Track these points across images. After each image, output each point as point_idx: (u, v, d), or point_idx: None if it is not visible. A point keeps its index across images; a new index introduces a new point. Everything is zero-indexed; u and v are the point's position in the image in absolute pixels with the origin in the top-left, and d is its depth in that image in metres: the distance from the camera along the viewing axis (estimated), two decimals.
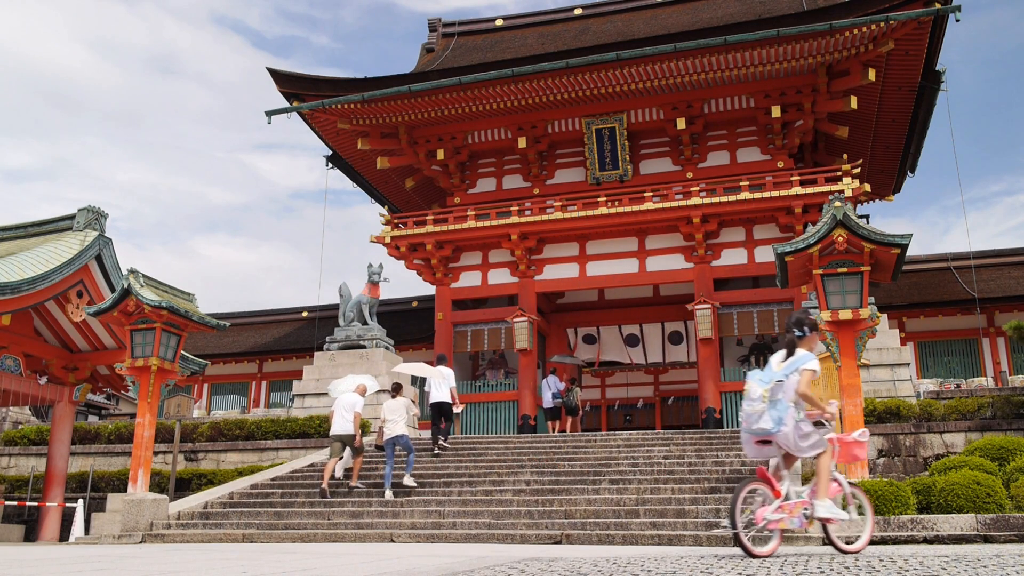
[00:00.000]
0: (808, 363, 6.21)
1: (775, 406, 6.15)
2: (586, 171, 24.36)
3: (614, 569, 4.83)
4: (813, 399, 6.20)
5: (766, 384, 6.23)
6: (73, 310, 17.21)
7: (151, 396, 14.16)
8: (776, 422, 6.10)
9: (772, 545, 6.05)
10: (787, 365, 6.28)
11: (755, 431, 6.23)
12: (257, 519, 12.61)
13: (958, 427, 14.93)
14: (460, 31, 28.23)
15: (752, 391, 6.30)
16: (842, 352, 12.01)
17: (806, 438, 6.16)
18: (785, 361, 6.33)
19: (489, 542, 10.37)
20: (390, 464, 13.40)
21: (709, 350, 21.92)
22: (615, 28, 25.53)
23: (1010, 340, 23.12)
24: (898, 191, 27.62)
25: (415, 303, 29.76)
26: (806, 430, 6.17)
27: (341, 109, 23.16)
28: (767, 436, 6.20)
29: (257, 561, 6.72)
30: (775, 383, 6.21)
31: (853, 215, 11.75)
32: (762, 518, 5.99)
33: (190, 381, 28.46)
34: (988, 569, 4.56)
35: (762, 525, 6.00)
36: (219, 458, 18.94)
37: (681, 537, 9.87)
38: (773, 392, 6.19)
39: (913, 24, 19.33)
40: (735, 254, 22.71)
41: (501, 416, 23.25)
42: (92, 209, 17.80)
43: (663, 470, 13.31)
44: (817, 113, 22.24)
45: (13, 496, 18.68)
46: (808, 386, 6.13)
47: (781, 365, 6.31)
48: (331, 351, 20.41)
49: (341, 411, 13.95)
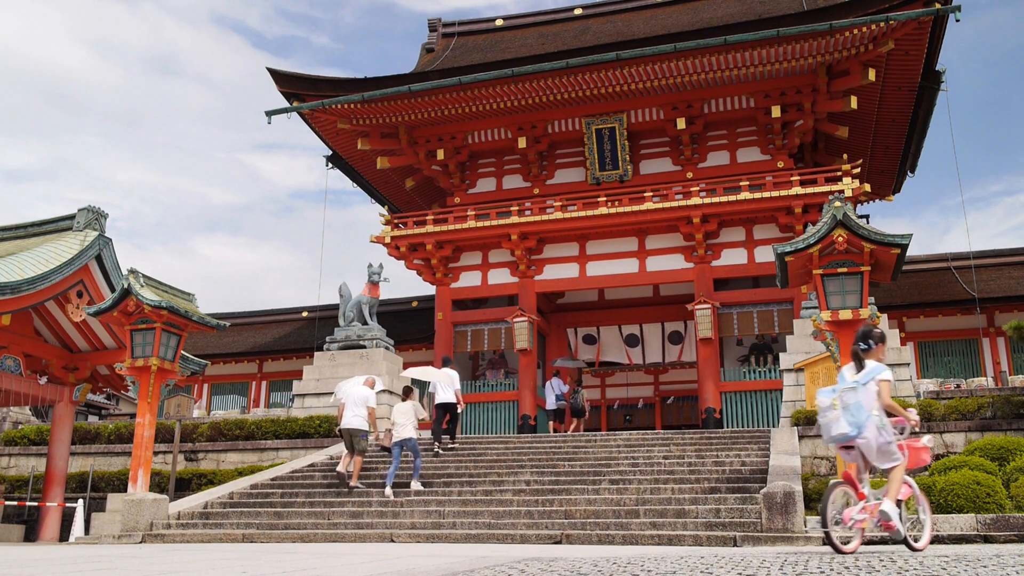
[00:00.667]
0: (883, 373, 6.54)
1: (848, 410, 6.42)
2: (586, 171, 24.36)
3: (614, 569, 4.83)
4: (896, 407, 6.52)
5: (833, 394, 6.54)
6: (73, 310, 17.22)
7: (151, 396, 14.17)
8: (854, 427, 6.37)
9: (855, 543, 6.37)
10: (862, 376, 6.56)
11: (835, 438, 6.50)
12: (257, 519, 12.61)
13: (958, 427, 14.93)
14: (460, 31, 28.23)
15: (822, 403, 6.59)
16: (842, 352, 12.01)
17: (887, 446, 6.44)
18: (857, 373, 6.63)
19: (489, 542, 10.37)
20: (395, 464, 13.43)
21: (709, 350, 21.92)
22: (615, 28, 25.53)
23: (1010, 340, 23.11)
24: (898, 191, 27.65)
25: (415, 303, 29.75)
26: (889, 438, 6.45)
27: (341, 109, 23.16)
28: (848, 442, 6.48)
29: (257, 561, 6.72)
30: (845, 389, 6.50)
31: (853, 215, 11.76)
32: (849, 518, 6.31)
33: (190, 381, 28.45)
34: (988, 569, 4.56)
35: (849, 525, 6.32)
36: (219, 458, 18.93)
37: (681, 537, 9.87)
38: (843, 398, 6.47)
39: (913, 24, 19.33)
40: (735, 254, 22.71)
41: (501, 416, 23.26)
42: (92, 209, 17.80)
43: (663, 470, 13.31)
44: (817, 113, 22.25)
45: (13, 496, 18.69)
46: (889, 395, 6.46)
47: (854, 377, 6.61)
48: (331, 351, 20.41)
49: (352, 405, 13.91)
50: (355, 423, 13.75)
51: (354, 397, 13.98)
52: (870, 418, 6.36)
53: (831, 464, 14.79)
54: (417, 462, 13.54)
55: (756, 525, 10.11)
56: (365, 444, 13.95)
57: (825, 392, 6.66)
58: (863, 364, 6.65)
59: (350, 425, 13.77)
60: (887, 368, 6.61)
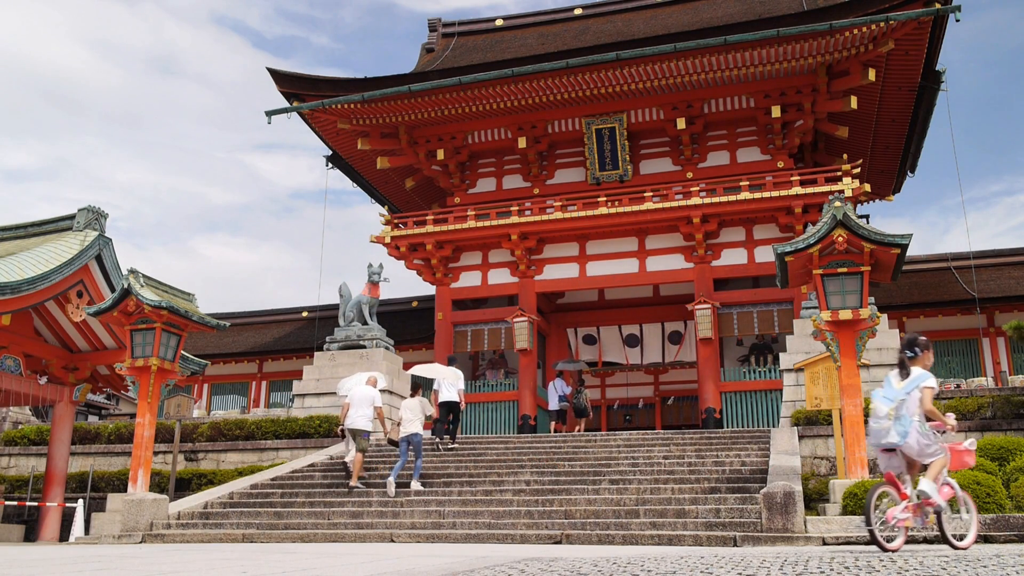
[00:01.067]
0: (927, 381, 6.93)
1: (899, 421, 6.88)
2: (586, 171, 24.36)
3: (614, 569, 4.83)
4: (936, 412, 6.92)
5: (891, 403, 6.95)
6: (73, 310, 17.21)
7: (151, 396, 14.17)
8: (901, 435, 6.85)
9: (899, 541, 6.73)
10: (907, 383, 6.97)
11: (883, 444, 6.99)
12: (257, 519, 12.61)
13: (958, 427, 14.91)
14: (460, 31, 28.23)
15: (879, 410, 7.00)
16: (842, 352, 12.01)
17: (929, 447, 6.88)
18: (903, 380, 7.03)
19: (489, 542, 10.36)
20: (403, 460, 13.53)
21: (709, 350, 21.91)
22: (615, 28, 25.53)
23: (1010, 340, 23.10)
24: (898, 191, 27.64)
25: (415, 303, 29.75)
26: (930, 440, 6.89)
27: (341, 109, 23.16)
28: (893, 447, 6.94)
29: (257, 561, 6.72)
30: (900, 401, 6.92)
31: (853, 215, 11.75)
32: (892, 517, 6.68)
33: (190, 381, 28.45)
34: (988, 569, 4.56)
35: (893, 523, 6.69)
36: (219, 458, 18.93)
37: (681, 537, 9.87)
38: (898, 409, 6.91)
39: (913, 24, 19.33)
40: (735, 254, 22.71)
41: (501, 416, 23.26)
42: (92, 209, 17.80)
43: (663, 470, 13.31)
44: (817, 113, 22.24)
45: (13, 496, 18.68)
46: (931, 401, 6.88)
47: (900, 384, 7.01)
48: (331, 351, 20.40)
49: (357, 404, 14.01)
50: (359, 423, 13.87)
51: (359, 397, 14.10)
52: (912, 423, 6.81)
53: (831, 464, 14.79)
54: (418, 462, 13.56)
55: (756, 525, 10.11)
56: (366, 443, 14.04)
57: (881, 399, 7.03)
58: (909, 371, 7.04)
59: (354, 425, 13.91)
60: (931, 375, 7.01)
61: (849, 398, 11.85)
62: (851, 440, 11.74)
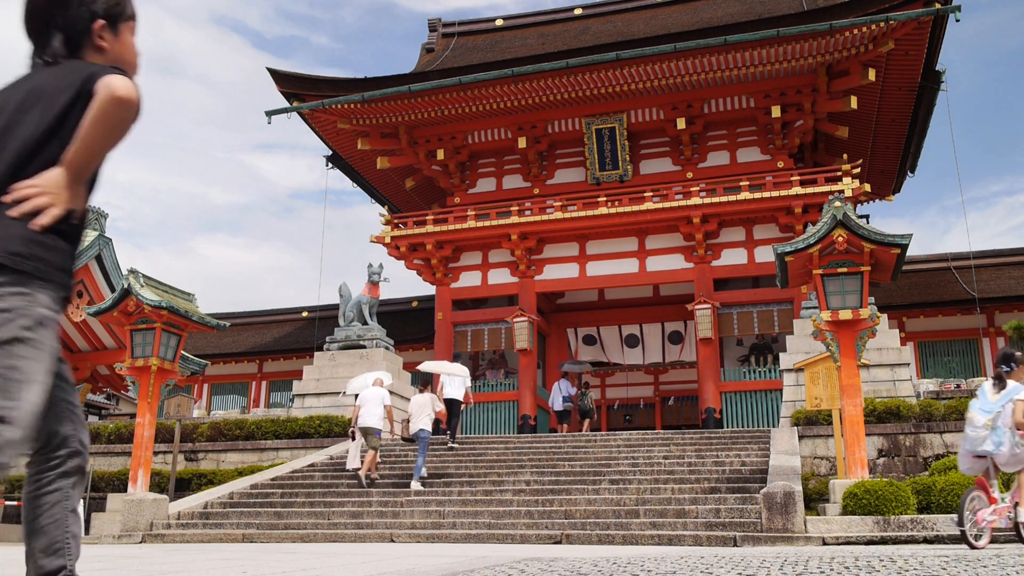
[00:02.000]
0: (1019, 394, 7.28)
1: (995, 432, 7.30)
2: (586, 171, 24.35)
3: (614, 569, 4.83)
4: None
5: (989, 414, 7.35)
6: (73, 310, 17.21)
7: (151, 396, 14.17)
8: (996, 445, 7.28)
9: (985, 540, 7.24)
10: (1002, 396, 7.37)
11: (978, 452, 7.43)
12: (257, 519, 12.61)
13: (958, 427, 14.86)
14: (460, 31, 28.22)
15: (976, 420, 7.43)
16: (842, 352, 12.01)
17: (1017, 457, 7.31)
18: (998, 392, 7.43)
19: (489, 542, 10.37)
20: (423, 456, 13.69)
21: (709, 350, 21.91)
22: (615, 28, 25.53)
23: (1010, 340, 23.09)
24: (898, 191, 27.64)
25: (415, 303, 29.74)
26: (1019, 451, 7.28)
27: (341, 109, 23.16)
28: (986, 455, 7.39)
29: (257, 561, 6.72)
30: (996, 413, 7.32)
31: (853, 215, 11.76)
32: (982, 519, 7.21)
33: (190, 381, 28.42)
34: (988, 569, 4.56)
35: (983, 525, 7.22)
36: (219, 458, 18.92)
37: (681, 537, 9.87)
38: (995, 420, 7.31)
39: (913, 24, 19.33)
40: (735, 254, 22.70)
41: (501, 416, 23.26)
42: (92, 209, 17.78)
43: (663, 470, 13.31)
44: (817, 113, 22.24)
45: (13, 496, 18.67)
46: (1022, 414, 7.23)
47: (996, 396, 7.43)
48: (331, 351, 20.40)
49: (368, 405, 14.20)
50: (371, 422, 14.07)
51: (370, 398, 14.35)
52: (1006, 433, 7.25)
53: (831, 464, 14.79)
54: (419, 461, 13.59)
55: (756, 525, 10.11)
56: (378, 441, 14.27)
57: (980, 411, 7.44)
58: (1005, 384, 7.43)
59: (366, 424, 14.10)
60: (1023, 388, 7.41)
61: (849, 398, 11.85)
62: (851, 440, 11.74)
